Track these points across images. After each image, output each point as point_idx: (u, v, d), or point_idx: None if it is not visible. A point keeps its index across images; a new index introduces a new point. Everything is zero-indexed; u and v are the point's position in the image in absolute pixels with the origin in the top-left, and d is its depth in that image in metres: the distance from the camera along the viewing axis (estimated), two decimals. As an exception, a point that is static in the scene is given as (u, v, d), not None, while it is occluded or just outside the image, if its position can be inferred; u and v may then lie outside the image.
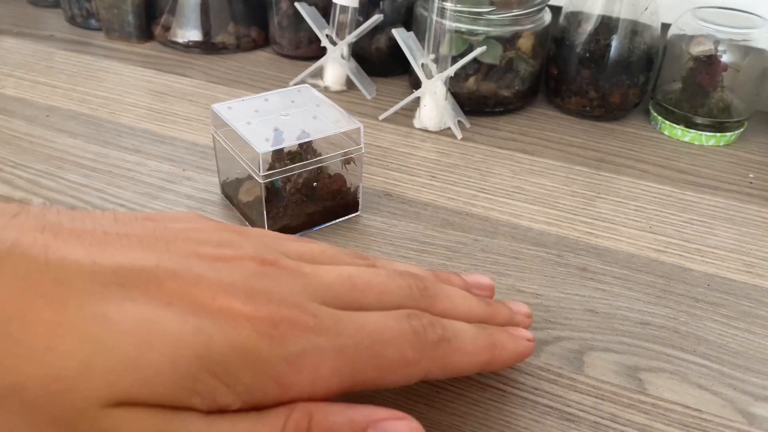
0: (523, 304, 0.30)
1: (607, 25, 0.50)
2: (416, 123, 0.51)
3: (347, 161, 0.39)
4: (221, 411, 0.20)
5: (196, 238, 0.23)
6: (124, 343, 0.19)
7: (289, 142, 0.37)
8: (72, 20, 0.66)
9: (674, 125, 0.51)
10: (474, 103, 0.52)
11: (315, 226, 0.39)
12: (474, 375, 0.30)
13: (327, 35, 0.54)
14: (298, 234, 0.38)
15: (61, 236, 0.21)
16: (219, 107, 0.39)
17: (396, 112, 0.51)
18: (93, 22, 0.65)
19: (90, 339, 0.19)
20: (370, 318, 0.23)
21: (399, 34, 0.49)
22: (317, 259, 0.25)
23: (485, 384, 0.30)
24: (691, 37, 0.49)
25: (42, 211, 0.22)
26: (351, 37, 0.53)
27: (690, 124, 0.50)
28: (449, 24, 0.48)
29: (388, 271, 0.26)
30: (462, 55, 0.48)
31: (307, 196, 0.38)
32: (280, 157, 0.36)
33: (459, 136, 0.50)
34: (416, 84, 0.51)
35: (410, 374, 0.24)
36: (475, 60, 0.49)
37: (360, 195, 0.40)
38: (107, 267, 0.20)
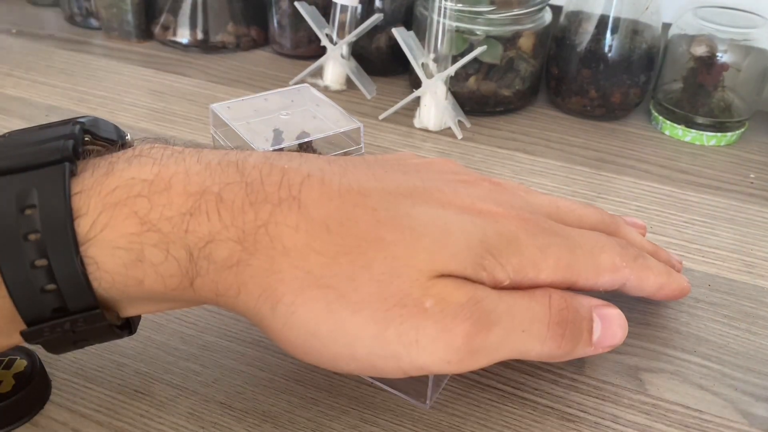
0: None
1: (607, 25, 0.50)
2: (416, 123, 0.51)
3: (347, 161, 0.39)
4: (496, 287, 0.25)
5: (435, 169, 0.29)
6: (430, 231, 0.24)
7: (289, 142, 0.37)
8: (71, 19, 0.66)
9: (675, 125, 0.51)
10: (474, 102, 0.52)
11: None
12: (474, 375, 0.30)
13: (327, 35, 0.54)
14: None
15: (341, 168, 0.26)
16: (218, 107, 0.39)
17: (396, 112, 0.51)
18: (92, 21, 0.65)
19: (406, 229, 0.24)
20: (584, 231, 0.28)
21: (399, 33, 0.49)
22: (518, 189, 0.30)
23: (485, 384, 0.30)
24: (692, 37, 0.49)
25: (312, 155, 0.27)
26: (351, 37, 0.53)
27: (691, 124, 0.50)
28: (449, 23, 0.48)
29: (581, 202, 0.32)
30: (462, 55, 0.48)
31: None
32: (279, 156, 0.36)
33: (459, 135, 0.50)
34: (416, 84, 0.51)
35: (615, 280, 0.28)
36: (475, 59, 0.49)
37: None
38: (389, 184, 0.25)
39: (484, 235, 0.25)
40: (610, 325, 0.27)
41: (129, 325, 0.25)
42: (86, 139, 0.25)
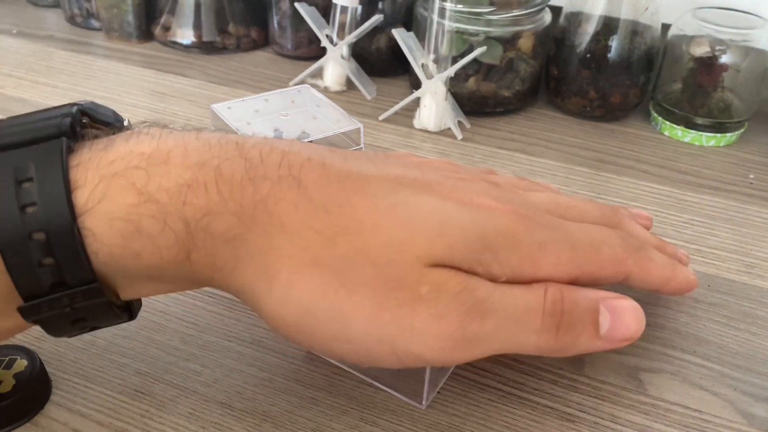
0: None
1: (607, 26, 0.50)
2: (416, 123, 0.51)
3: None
4: (492, 282, 0.24)
5: (434, 167, 0.29)
6: (428, 220, 0.24)
7: (289, 142, 0.37)
8: (72, 20, 0.66)
9: (674, 126, 0.51)
10: (474, 103, 0.52)
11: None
12: (474, 375, 0.30)
13: (327, 35, 0.54)
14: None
15: (342, 155, 0.26)
16: (219, 107, 0.39)
17: (396, 113, 0.51)
18: (93, 21, 0.65)
19: (404, 217, 0.24)
20: (584, 225, 0.28)
21: (399, 34, 0.49)
22: (518, 185, 0.30)
23: (485, 384, 0.30)
24: (692, 38, 0.49)
25: (313, 144, 0.27)
26: (351, 37, 0.53)
27: (690, 125, 0.50)
28: (449, 24, 0.48)
29: (582, 198, 0.31)
30: (462, 56, 0.48)
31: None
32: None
33: (459, 136, 0.50)
34: (416, 84, 0.51)
35: (618, 272, 0.28)
36: (475, 60, 0.49)
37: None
38: (389, 174, 0.25)
39: (482, 230, 0.25)
40: (620, 317, 0.26)
41: (129, 310, 0.25)
42: (84, 121, 0.25)
